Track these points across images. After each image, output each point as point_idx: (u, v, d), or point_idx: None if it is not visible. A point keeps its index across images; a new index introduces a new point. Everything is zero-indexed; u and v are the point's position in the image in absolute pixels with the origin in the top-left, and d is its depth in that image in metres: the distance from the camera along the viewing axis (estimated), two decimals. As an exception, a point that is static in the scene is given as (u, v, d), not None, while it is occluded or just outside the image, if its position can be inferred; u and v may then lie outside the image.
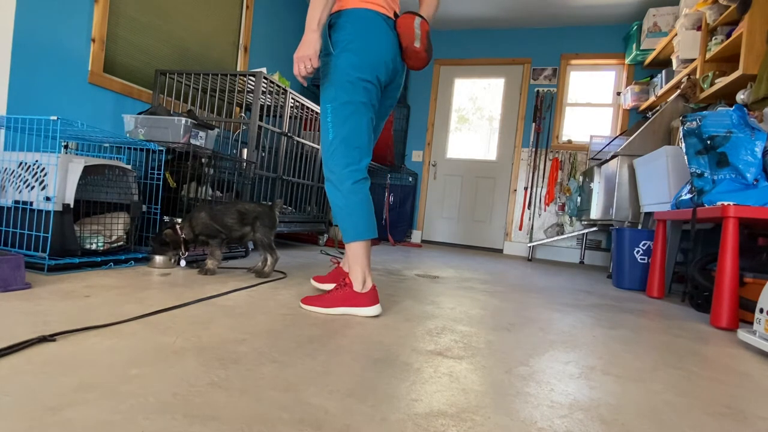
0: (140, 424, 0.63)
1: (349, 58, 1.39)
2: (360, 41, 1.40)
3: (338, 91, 1.41)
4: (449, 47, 5.22)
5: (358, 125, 1.44)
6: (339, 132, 1.43)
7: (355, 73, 1.40)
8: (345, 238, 1.46)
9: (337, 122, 1.43)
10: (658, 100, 4.02)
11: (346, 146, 1.44)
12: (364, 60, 1.40)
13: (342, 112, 1.42)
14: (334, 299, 1.43)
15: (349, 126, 1.43)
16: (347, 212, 1.44)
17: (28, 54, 2.15)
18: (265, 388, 0.79)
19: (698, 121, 2.02)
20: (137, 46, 2.75)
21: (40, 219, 1.64)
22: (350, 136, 1.43)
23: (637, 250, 2.72)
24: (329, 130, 1.45)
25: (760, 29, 2.59)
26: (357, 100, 1.42)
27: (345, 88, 1.41)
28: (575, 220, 4.74)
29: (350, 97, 1.41)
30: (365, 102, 1.44)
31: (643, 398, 0.92)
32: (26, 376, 0.74)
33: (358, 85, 1.41)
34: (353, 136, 1.44)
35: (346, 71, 1.40)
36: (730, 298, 1.72)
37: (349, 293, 1.42)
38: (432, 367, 0.99)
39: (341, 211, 1.45)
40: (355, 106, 1.43)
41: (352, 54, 1.40)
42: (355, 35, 1.40)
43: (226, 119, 2.90)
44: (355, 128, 1.44)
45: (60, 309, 1.15)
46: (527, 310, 1.76)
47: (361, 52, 1.40)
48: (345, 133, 1.43)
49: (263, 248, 1.94)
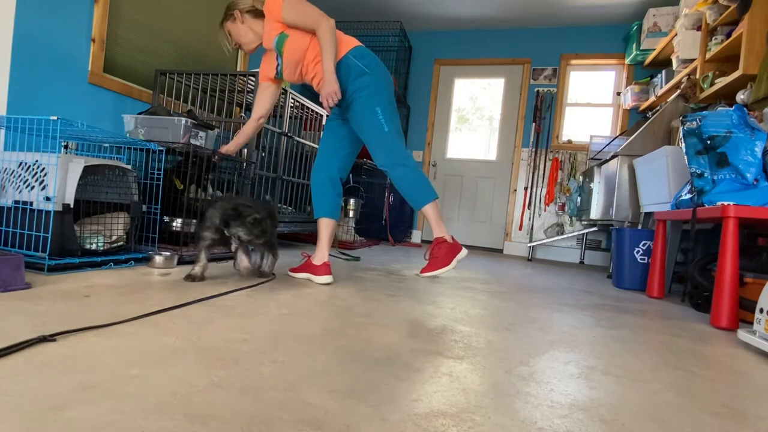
0: (140, 424, 0.63)
1: (379, 76, 1.90)
2: (376, 66, 1.92)
3: (382, 96, 1.87)
4: (449, 47, 5.22)
5: (399, 119, 1.93)
6: (391, 125, 1.87)
7: (386, 84, 1.92)
8: (425, 201, 1.88)
9: (387, 118, 1.87)
10: (658, 100, 4.02)
11: (399, 134, 1.90)
12: (383, 78, 1.92)
13: (388, 110, 1.88)
14: (439, 259, 1.87)
15: (395, 120, 1.90)
16: (423, 179, 1.90)
17: (28, 54, 2.15)
18: (265, 388, 0.79)
19: (698, 121, 2.02)
20: (137, 46, 2.75)
21: (40, 219, 1.64)
22: (398, 126, 1.91)
23: (637, 250, 2.72)
24: (383, 125, 1.86)
25: (760, 29, 2.59)
26: (393, 101, 1.93)
27: (385, 94, 1.90)
28: (575, 220, 4.74)
29: (390, 99, 1.91)
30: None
31: (643, 398, 0.92)
32: (26, 376, 0.74)
33: (390, 90, 1.92)
34: (399, 126, 1.92)
35: (382, 83, 1.89)
36: (730, 298, 1.72)
37: (450, 246, 1.88)
38: (432, 367, 0.99)
39: (420, 180, 1.88)
40: (394, 105, 1.93)
41: (377, 74, 1.90)
42: (373, 62, 1.91)
43: (226, 119, 2.90)
44: (398, 121, 1.92)
45: (60, 309, 1.15)
46: (527, 310, 1.76)
47: (381, 73, 1.93)
48: (395, 125, 1.89)
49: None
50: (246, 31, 1.97)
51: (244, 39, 1.99)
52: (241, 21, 1.96)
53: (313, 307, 1.47)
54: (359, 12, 4.96)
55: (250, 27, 1.97)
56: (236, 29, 1.97)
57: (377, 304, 1.62)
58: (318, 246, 1.97)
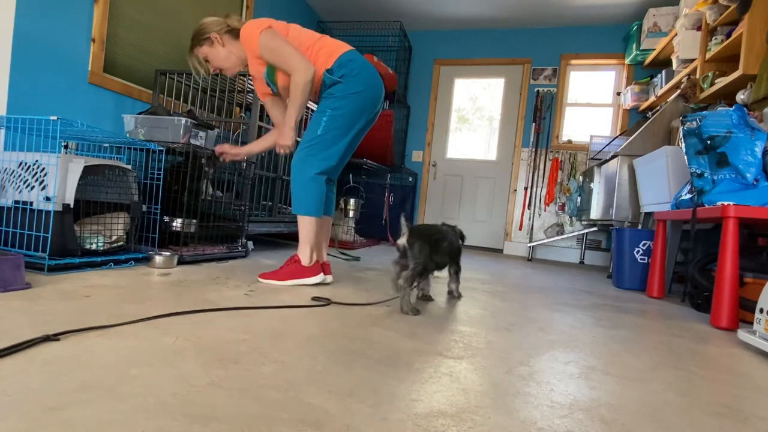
0: (140, 424, 0.63)
1: (353, 86, 1.82)
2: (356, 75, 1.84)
3: (343, 106, 1.82)
4: (449, 47, 5.22)
5: (350, 136, 1.90)
6: (328, 133, 1.83)
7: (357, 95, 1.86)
8: (301, 210, 1.83)
9: (330, 126, 1.83)
10: (658, 100, 4.02)
11: (329, 144, 1.85)
12: (358, 87, 1.84)
13: (339, 121, 1.83)
14: (280, 273, 1.82)
15: (340, 132, 1.85)
16: (311, 193, 1.84)
17: (28, 54, 2.15)
18: (265, 388, 0.79)
19: (698, 121, 2.02)
20: (137, 46, 2.75)
21: (40, 219, 1.64)
22: (335, 138, 1.85)
23: (637, 250, 2.72)
24: (319, 128, 1.82)
25: (760, 29, 2.59)
26: (360, 114, 1.89)
27: (349, 104, 1.85)
28: (575, 220, 4.74)
29: (353, 111, 1.85)
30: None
31: (643, 398, 0.92)
32: (26, 376, 0.74)
33: (361, 101, 1.86)
34: (338, 140, 1.86)
35: (353, 94, 1.83)
36: (730, 298, 1.72)
37: (300, 269, 1.83)
38: (432, 367, 0.99)
39: (306, 193, 1.83)
40: (355, 118, 1.87)
41: (351, 84, 1.83)
42: (352, 71, 1.82)
43: (226, 119, 2.90)
44: (344, 137, 1.87)
45: (60, 309, 1.15)
46: (527, 310, 1.76)
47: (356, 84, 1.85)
48: (334, 135, 1.85)
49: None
50: (228, 54, 1.84)
51: (227, 64, 1.86)
52: (221, 44, 1.82)
53: (313, 307, 1.47)
54: (359, 12, 4.96)
55: (231, 50, 1.84)
56: (215, 54, 1.84)
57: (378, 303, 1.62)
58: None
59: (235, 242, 2.52)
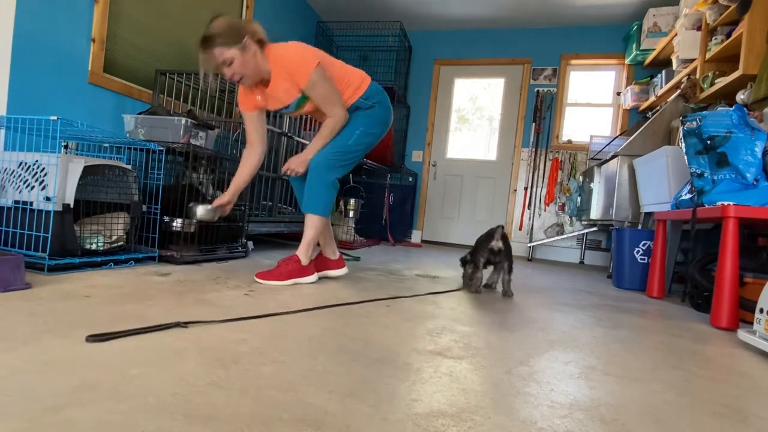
0: (140, 424, 0.63)
1: (380, 112, 1.98)
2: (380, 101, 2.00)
3: (372, 125, 1.96)
4: (449, 47, 5.22)
5: (363, 152, 2.01)
6: (356, 147, 1.94)
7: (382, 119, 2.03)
8: (314, 209, 1.88)
9: (359, 141, 1.94)
10: (658, 100, 4.02)
11: (350, 157, 1.95)
12: (383, 113, 2.02)
13: (365, 138, 1.97)
14: (277, 272, 1.82)
15: (362, 148, 1.98)
16: (327, 196, 1.91)
17: (28, 54, 2.15)
18: (265, 388, 0.79)
19: (698, 121, 2.02)
20: (137, 46, 2.75)
21: (40, 219, 1.64)
22: (357, 154, 1.97)
23: (637, 250, 2.72)
24: (350, 138, 1.91)
25: (760, 29, 2.59)
26: (378, 136, 2.05)
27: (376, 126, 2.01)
28: (575, 220, 4.74)
29: (376, 133, 2.02)
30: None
31: (643, 398, 0.92)
32: (26, 376, 0.74)
33: (383, 126, 2.03)
34: (357, 155, 1.97)
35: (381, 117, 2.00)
36: (730, 298, 1.72)
37: (299, 268, 1.85)
38: (432, 367, 0.99)
39: (323, 195, 1.90)
40: (374, 139, 2.02)
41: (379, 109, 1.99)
42: (379, 99, 1.98)
43: (226, 119, 2.90)
44: (361, 152, 1.98)
45: (60, 309, 1.15)
46: (527, 310, 1.76)
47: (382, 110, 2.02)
48: (358, 151, 1.96)
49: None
50: (255, 66, 1.66)
51: (250, 73, 1.68)
52: (252, 52, 1.63)
53: (313, 307, 1.47)
54: (359, 12, 4.95)
55: (259, 63, 1.67)
56: (245, 60, 1.63)
57: (377, 303, 1.62)
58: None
59: (236, 242, 2.52)
